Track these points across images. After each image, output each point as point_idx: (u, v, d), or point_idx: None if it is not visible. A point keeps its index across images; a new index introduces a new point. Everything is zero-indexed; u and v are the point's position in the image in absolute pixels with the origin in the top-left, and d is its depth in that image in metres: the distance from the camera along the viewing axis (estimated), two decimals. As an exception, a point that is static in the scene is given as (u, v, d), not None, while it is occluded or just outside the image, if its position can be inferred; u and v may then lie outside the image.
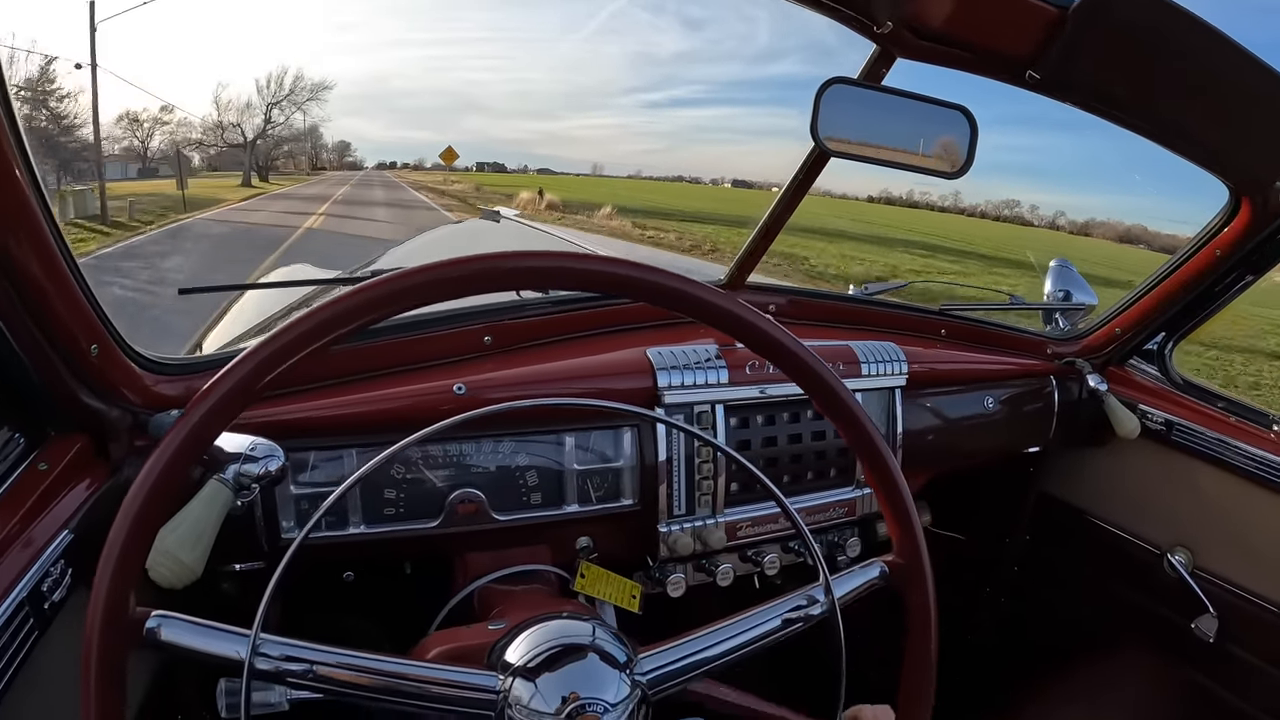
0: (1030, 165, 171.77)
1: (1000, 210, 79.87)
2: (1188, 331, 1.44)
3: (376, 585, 1.11)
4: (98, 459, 0.78)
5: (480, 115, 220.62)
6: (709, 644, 0.61)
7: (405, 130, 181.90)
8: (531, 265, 0.55)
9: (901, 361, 1.18)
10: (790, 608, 0.64)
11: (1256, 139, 1.09)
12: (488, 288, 0.55)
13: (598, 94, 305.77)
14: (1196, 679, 1.38)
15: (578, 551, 1.05)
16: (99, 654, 0.48)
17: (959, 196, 73.67)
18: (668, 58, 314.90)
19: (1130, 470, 1.48)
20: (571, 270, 0.56)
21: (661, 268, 0.57)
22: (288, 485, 0.89)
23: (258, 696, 0.61)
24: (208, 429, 0.51)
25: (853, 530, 1.21)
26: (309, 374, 0.92)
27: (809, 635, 0.64)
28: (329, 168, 57.12)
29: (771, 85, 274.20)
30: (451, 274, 0.53)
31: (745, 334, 0.59)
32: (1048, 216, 78.57)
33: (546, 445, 0.99)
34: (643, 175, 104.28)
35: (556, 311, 1.08)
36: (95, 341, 0.73)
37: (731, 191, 69.91)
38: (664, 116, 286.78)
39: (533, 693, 0.55)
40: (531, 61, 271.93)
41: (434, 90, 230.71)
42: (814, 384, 0.61)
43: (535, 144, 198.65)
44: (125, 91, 56.61)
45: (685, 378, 1.02)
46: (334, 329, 0.52)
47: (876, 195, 75.95)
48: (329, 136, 60.56)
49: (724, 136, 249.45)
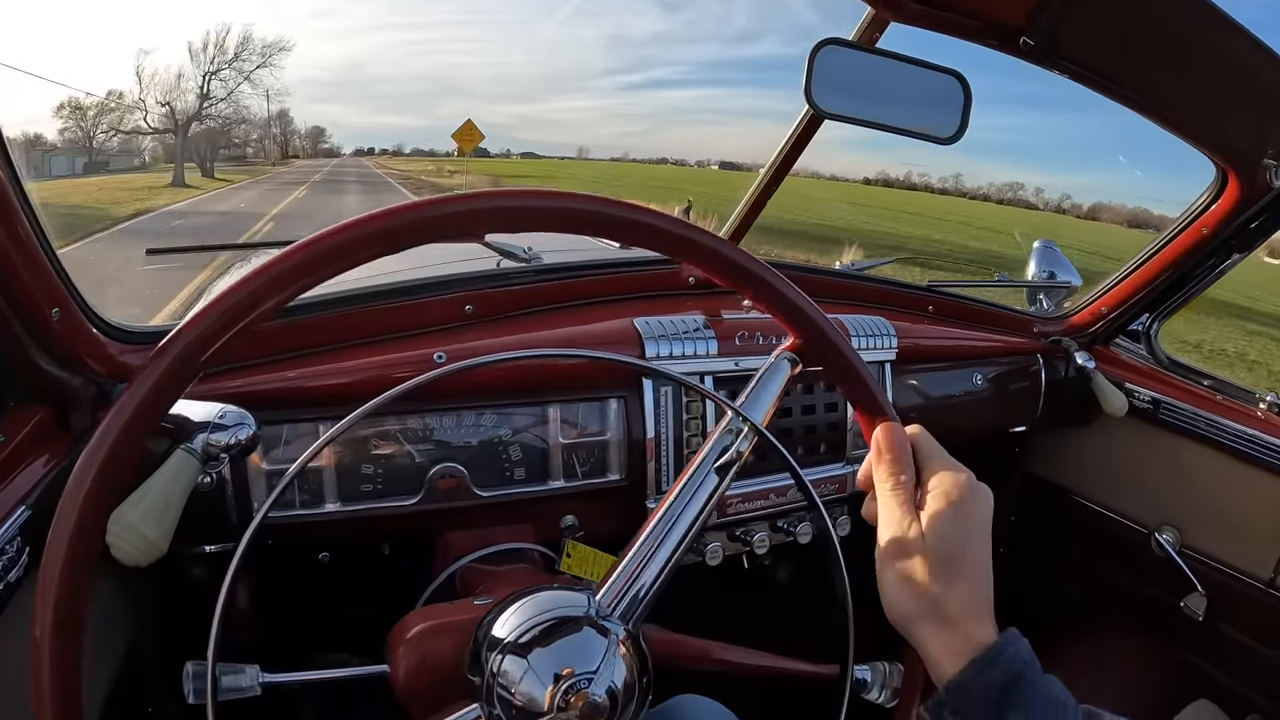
0: (1033, 146, 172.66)
1: (1003, 193, 75.62)
2: (1174, 310, 1.45)
3: (354, 567, 1.07)
4: (59, 431, 0.73)
5: (460, 99, 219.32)
6: (658, 539, 0.58)
7: (385, 116, 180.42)
8: (495, 206, 0.52)
9: (891, 336, 1.16)
10: (717, 454, 0.59)
11: (1245, 115, 1.09)
12: (437, 237, 0.51)
13: (575, 76, 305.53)
14: (1186, 657, 1.38)
15: (563, 530, 1.02)
16: (51, 656, 0.44)
17: (960, 179, 70.74)
18: (645, 39, 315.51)
19: (1117, 449, 1.48)
20: (563, 210, 0.53)
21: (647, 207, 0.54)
22: (259, 460, 0.85)
23: (227, 680, 0.56)
24: (159, 397, 0.47)
25: (843, 508, 1.19)
26: (281, 345, 0.87)
27: (817, 588, 0.61)
28: (301, 155, 51.44)
29: (751, 66, 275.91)
30: (436, 213, 0.49)
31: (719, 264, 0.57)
32: (1053, 200, 75.32)
33: (530, 418, 0.95)
34: (630, 158, 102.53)
35: (539, 281, 1.05)
36: (57, 305, 0.69)
37: (718, 174, 67.41)
38: (643, 98, 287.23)
39: (524, 671, 0.51)
40: (510, 45, 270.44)
41: (413, 75, 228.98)
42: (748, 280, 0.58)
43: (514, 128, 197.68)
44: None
45: (674, 348, 0.99)
46: (291, 281, 0.48)
47: (874, 177, 74.29)
48: (301, 121, 56.25)
49: (705, 118, 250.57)
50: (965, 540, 0.50)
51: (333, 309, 0.92)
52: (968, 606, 0.49)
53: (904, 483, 0.53)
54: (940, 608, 0.49)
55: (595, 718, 0.50)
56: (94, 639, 0.82)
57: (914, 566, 0.50)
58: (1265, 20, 1.25)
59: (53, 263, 0.67)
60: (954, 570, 0.50)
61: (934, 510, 0.51)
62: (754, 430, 0.60)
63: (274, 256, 0.48)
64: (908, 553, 0.50)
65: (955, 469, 0.53)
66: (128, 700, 0.86)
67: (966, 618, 0.49)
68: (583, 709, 0.50)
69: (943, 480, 0.52)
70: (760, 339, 1.04)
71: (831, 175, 61.66)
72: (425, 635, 0.67)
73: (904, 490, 0.53)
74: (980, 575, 0.50)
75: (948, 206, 43.03)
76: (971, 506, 0.51)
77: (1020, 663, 0.47)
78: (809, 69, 0.90)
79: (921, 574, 0.49)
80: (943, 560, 0.50)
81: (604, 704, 0.50)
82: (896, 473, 0.53)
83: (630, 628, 0.55)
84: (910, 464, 0.54)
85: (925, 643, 0.50)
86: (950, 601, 0.49)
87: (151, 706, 0.92)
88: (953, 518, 0.50)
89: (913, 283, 1.40)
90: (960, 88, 0.96)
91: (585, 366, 0.95)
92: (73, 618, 0.45)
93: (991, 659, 0.47)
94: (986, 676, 0.46)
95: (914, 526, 0.51)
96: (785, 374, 0.61)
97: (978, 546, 0.51)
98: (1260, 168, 1.16)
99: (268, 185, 30.04)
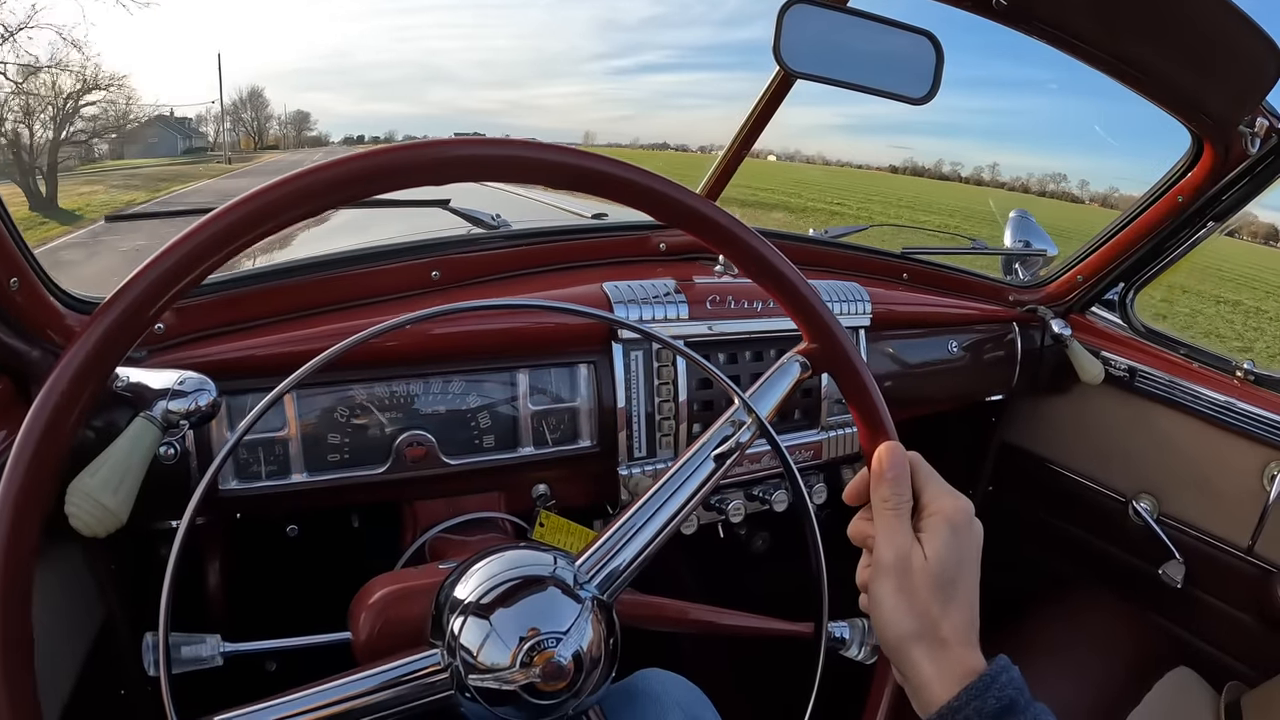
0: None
1: (1045, 185, 68.20)
2: (1150, 278, 1.45)
3: (323, 540, 1.06)
4: (18, 403, 0.72)
5: (448, 85, 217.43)
6: (646, 516, 0.57)
7: (373, 104, 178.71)
8: (461, 154, 0.50)
9: (865, 301, 1.16)
10: (717, 442, 0.59)
11: (1220, 82, 1.09)
12: (395, 184, 0.49)
13: (566, 60, 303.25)
14: (1164, 625, 1.40)
15: (535, 500, 1.01)
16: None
17: (996, 170, 66.17)
18: (635, 23, 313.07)
19: (1093, 418, 1.49)
20: (531, 160, 0.51)
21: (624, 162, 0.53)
22: (223, 432, 0.83)
23: (188, 651, 0.55)
24: (98, 358, 0.46)
25: (819, 475, 1.19)
26: (245, 313, 0.86)
27: (788, 556, 0.61)
28: (279, 146, 47.42)
29: (743, 50, 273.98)
30: (392, 161, 0.48)
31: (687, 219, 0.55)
32: (1101, 192, 68.24)
33: (499, 385, 0.94)
34: (640, 145, 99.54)
35: (507, 246, 1.03)
36: (16, 275, 0.67)
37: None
38: (634, 83, 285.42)
39: (486, 633, 0.49)
40: (498, 29, 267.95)
41: (401, 61, 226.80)
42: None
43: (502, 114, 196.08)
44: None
45: (643, 312, 0.98)
46: (235, 237, 0.47)
47: (900, 165, 70.42)
48: (279, 106, 52.51)
49: (696, 102, 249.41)
50: (961, 565, 0.51)
51: (297, 275, 0.90)
52: (960, 631, 0.50)
53: (905, 503, 0.53)
54: (937, 629, 0.49)
55: (557, 679, 0.49)
56: (64, 623, 0.81)
57: (914, 586, 0.50)
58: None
59: (11, 232, 0.66)
60: (950, 593, 0.50)
61: (934, 533, 0.51)
62: (757, 424, 0.59)
63: (210, 214, 0.46)
64: (908, 572, 0.51)
65: (956, 495, 0.54)
66: (100, 681, 0.85)
67: (959, 642, 0.49)
68: (545, 668, 0.49)
69: (944, 505, 0.53)
70: (732, 303, 1.03)
71: (862, 164, 58.72)
72: (387, 600, 0.66)
73: (905, 511, 0.53)
74: (972, 601, 0.51)
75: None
76: (968, 534, 0.52)
77: (1014, 689, 0.47)
78: (777, 28, 0.88)
79: (921, 594, 0.50)
80: (943, 582, 0.50)
81: (568, 667, 0.50)
82: (898, 493, 0.54)
83: (605, 597, 0.54)
84: (909, 486, 0.54)
85: (920, 664, 0.50)
86: (946, 623, 0.49)
87: (124, 688, 0.91)
88: (952, 542, 0.51)
89: (887, 250, 1.39)
90: (932, 48, 0.95)
91: (554, 330, 0.94)
92: (18, 595, 0.44)
93: (985, 685, 0.47)
94: (981, 703, 0.46)
95: (916, 548, 0.51)
96: (794, 376, 0.61)
97: (971, 574, 0.52)
98: (1235, 135, 1.15)
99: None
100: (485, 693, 0.49)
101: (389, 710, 0.50)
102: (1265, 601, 1.23)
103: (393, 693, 0.50)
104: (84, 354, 0.46)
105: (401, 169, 0.48)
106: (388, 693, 0.50)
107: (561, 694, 0.50)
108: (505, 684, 0.49)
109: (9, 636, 0.43)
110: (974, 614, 0.51)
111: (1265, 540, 1.25)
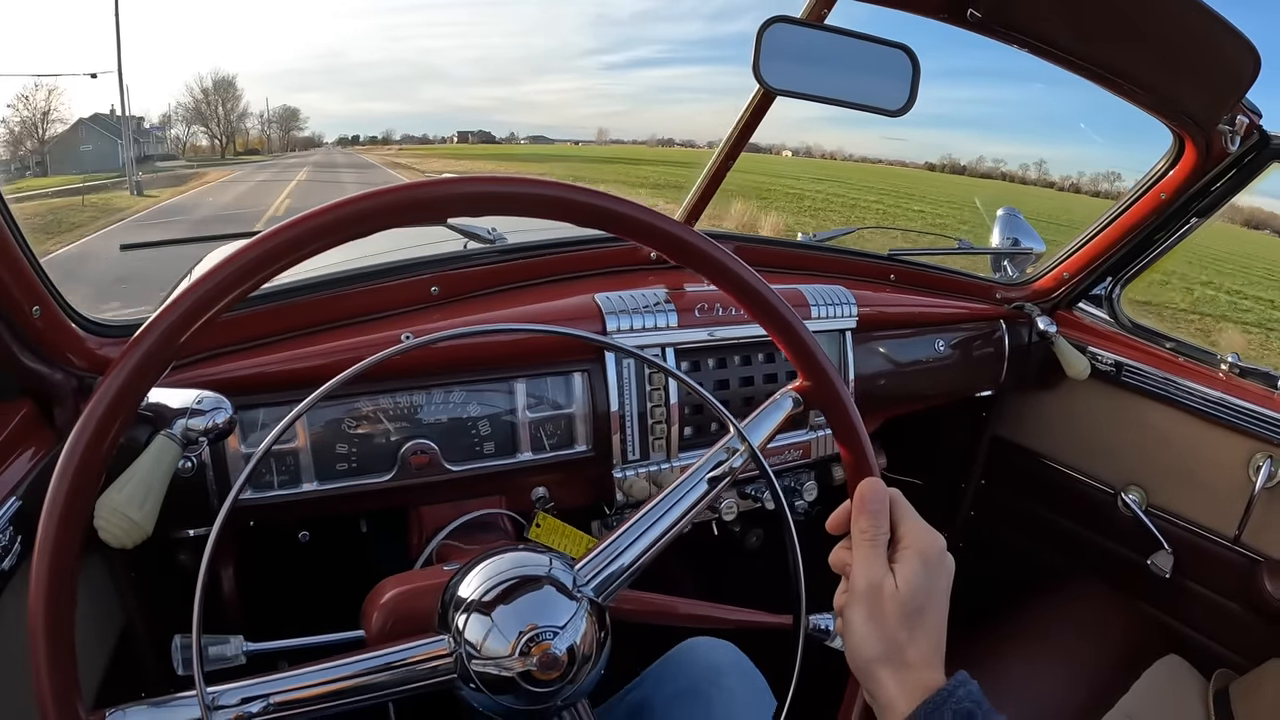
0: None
1: (1098, 184, 61.07)
2: (1135, 274, 1.47)
3: (333, 544, 1.11)
4: (43, 424, 0.77)
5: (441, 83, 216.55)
6: (641, 529, 0.61)
7: (366, 103, 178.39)
8: (471, 191, 0.53)
9: (851, 304, 1.19)
10: (711, 466, 0.63)
11: (1199, 83, 1.11)
12: (404, 221, 0.53)
13: (559, 56, 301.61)
14: (1154, 614, 1.42)
15: (534, 503, 1.06)
16: (46, 620, 0.47)
17: (1044, 167, 62.21)
18: (626, 18, 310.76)
19: (1082, 412, 1.51)
20: (514, 195, 0.54)
21: (603, 191, 0.57)
22: (238, 445, 0.88)
23: (214, 650, 0.61)
24: (135, 382, 0.50)
25: (809, 473, 1.22)
26: (254, 331, 0.90)
27: (781, 551, 0.65)
28: (260, 150, 40.01)
29: (734, 43, 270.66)
30: (370, 206, 0.51)
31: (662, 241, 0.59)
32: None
33: (497, 394, 0.99)
34: (659, 139, 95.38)
35: (503, 261, 1.07)
36: (37, 303, 0.72)
37: (748, 160, 61.47)
38: (626, 78, 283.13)
39: (489, 628, 0.54)
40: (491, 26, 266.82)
41: (394, 60, 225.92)
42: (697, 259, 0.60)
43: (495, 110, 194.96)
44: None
45: (634, 321, 1.02)
46: (258, 270, 0.50)
47: (938, 163, 66.99)
48: (258, 101, 40.85)
49: (689, 96, 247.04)
50: (931, 595, 0.55)
51: (303, 294, 0.94)
52: (925, 655, 0.53)
53: (882, 535, 0.57)
54: (902, 652, 0.53)
55: (552, 669, 0.54)
56: (88, 629, 0.86)
57: (884, 613, 0.54)
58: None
59: (31, 262, 0.70)
60: (918, 621, 0.53)
61: (907, 564, 0.55)
62: (750, 452, 0.63)
63: (240, 247, 0.50)
64: (879, 599, 0.54)
65: (930, 531, 0.57)
66: (123, 684, 0.90)
67: (923, 665, 0.52)
68: (542, 658, 0.53)
69: (919, 539, 0.56)
70: (720, 310, 1.07)
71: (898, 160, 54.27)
72: (397, 599, 0.71)
73: (882, 542, 0.57)
74: (939, 630, 0.55)
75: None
76: (939, 568, 0.56)
77: (971, 702, 0.50)
78: (757, 47, 0.91)
79: (890, 620, 0.53)
80: (911, 611, 0.53)
81: (562, 659, 0.54)
82: (876, 525, 0.57)
83: (600, 600, 0.59)
84: (887, 519, 0.58)
85: (884, 684, 0.53)
86: (911, 648, 0.53)
87: (145, 690, 0.96)
88: (923, 574, 0.55)
89: (874, 252, 1.42)
90: (909, 61, 0.98)
91: (548, 341, 0.98)
92: (66, 596, 0.48)
93: (944, 698, 0.50)
94: (939, 715, 0.49)
95: (888, 577, 0.54)
96: (787, 410, 0.65)
97: (940, 604, 0.55)
98: (1216, 133, 1.18)
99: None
100: (486, 678, 0.54)
101: (395, 689, 0.55)
102: (1252, 590, 1.25)
103: (400, 672, 0.54)
104: (120, 381, 0.49)
105: (434, 201, 0.52)
106: (396, 672, 0.54)
107: (555, 683, 0.54)
108: (504, 670, 0.53)
109: (56, 647, 0.47)
110: (940, 641, 0.54)
111: (1251, 530, 1.28)
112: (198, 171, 27.11)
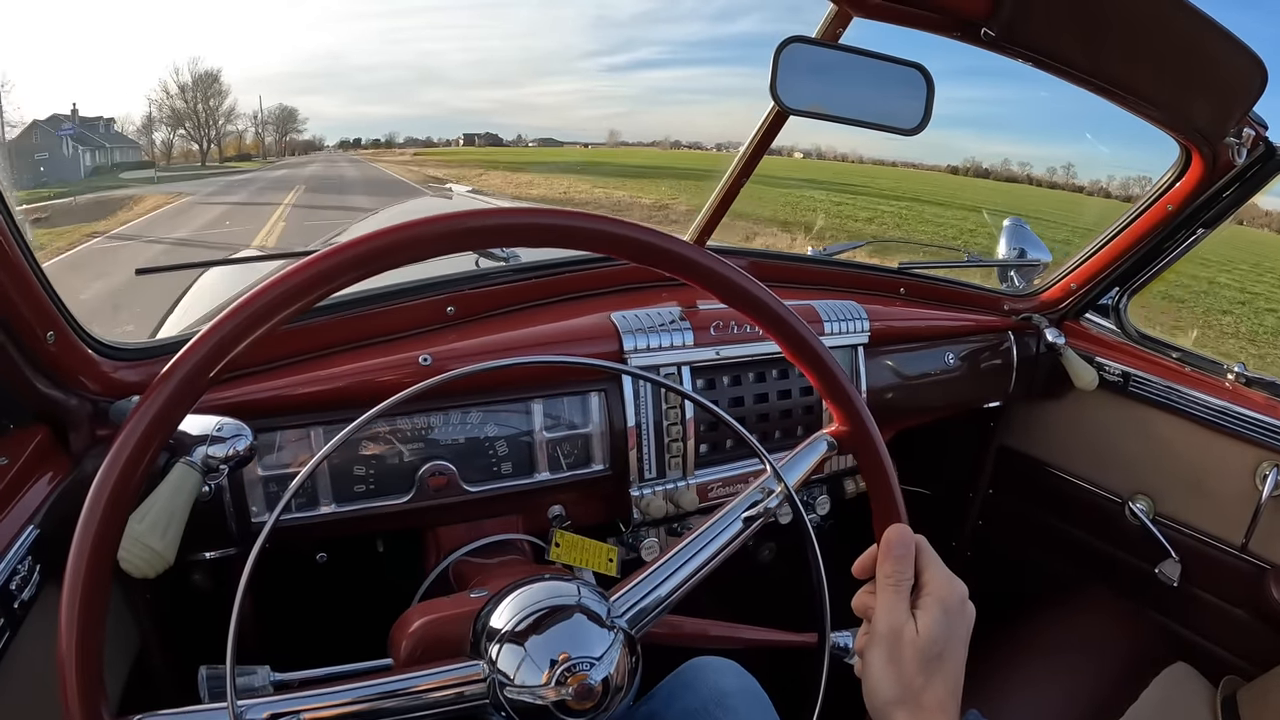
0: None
1: (1129, 189, 62.69)
2: (1142, 285, 1.48)
3: (351, 566, 1.11)
4: (59, 450, 0.76)
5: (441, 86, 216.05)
6: (677, 565, 0.62)
7: (367, 106, 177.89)
8: (496, 224, 0.54)
9: (863, 319, 1.19)
10: (747, 505, 0.64)
11: (1206, 96, 1.11)
12: (433, 252, 0.53)
13: (559, 58, 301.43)
14: (1162, 622, 1.43)
15: (551, 521, 1.06)
16: (78, 666, 0.47)
17: (1072, 170, 59.78)
18: (627, 19, 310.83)
19: (1089, 422, 1.52)
20: (537, 226, 0.55)
21: (619, 218, 0.57)
22: (254, 467, 0.88)
23: (241, 681, 0.60)
24: (170, 412, 0.50)
25: (821, 487, 1.23)
26: (271, 353, 0.90)
27: (793, 563, 0.65)
28: (254, 155, 33.17)
29: (735, 44, 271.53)
30: (402, 238, 0.51)
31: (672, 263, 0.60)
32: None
33: (514, 414, 0.99)
34: (671, 141, 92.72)
35: (518, 280, 1.08)
36: (51, 329, 0.71)
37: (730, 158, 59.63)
38: (628, 79, 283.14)
39: (521, 658, 0.54)
40: (491, 28, 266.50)
41: (394, 63, 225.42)
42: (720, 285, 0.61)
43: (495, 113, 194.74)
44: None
45: (650, 340, 1.02)
46: (290, 303, 0.50)
47: (961, 166, 65.15)
48: (250, 102, 32.58)
49: (690, 97, 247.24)
50: (950, 642, 0.55)
51: (321, 316, 0.94)
52: (941, 700, 0.54)
53: (906, 581, 0.57)
54: (918, 696, 0.53)
55: (587, 699, 0.54)
56: (106, 654, 0.85)
57: (903, 657, 0.54)
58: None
59: (45, 288, 0.70)
60: (936, 666, 0.54)
61: (928, 611, 0.56)
62: (785, 492, 0.65)
63: (273, 279, 0.50)
64: (900, 644, 0.55)
65: (952, 579, 0.58)
66: (137, 708, 0.89)
67: (937, 710, 0.53)
68: (578, 689, 0.54)
69: (941, 587, 0.57)
70: (735, 328, 1.07)
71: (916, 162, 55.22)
72: (426, 628, 0.71)
73: (905, 588, 0.57)
74: (956, 676, 0.55)
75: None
76: (960, 615, 0.56)
77: None
78: (774, 67, 0.91)
79: (909, 665, 0.54)
80: (929, 656, 0.54)
81: (598, 689, 0.54)
82: (900, 570, 0.58)
83: (634, 633, 0.59)
84: (912, 565, 0.59)
85: None
86: (928, 693, 0.53)
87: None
88: (944, 621, 0.55)
89: (884, 265, 1.42)
90: (923, 80, 0.98)
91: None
92: (96, 626, 0.48)
93: None
94: None
95: (909, 623, 0.55)
96: (821, 453, 0.67)
97: (958, 650, 0.56)
98: (1223, 146, 1.18)
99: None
100: (518, 705, 0.54)
101: (424, 711, 0.54)
102: (1260, 598, 1.26)
103: (431, 695, 0.55)
104: (155, 409, 0.49)
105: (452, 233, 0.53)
106: (426, 694, 0.54)
107: (589, 712, 0.55)
108: (538, 699, 0.54)
109: (86, 680, 0.47)
110: (957, 686, 0.55)
111: (1259, 538, 1.29)
112: (133, 196, 18.95)
